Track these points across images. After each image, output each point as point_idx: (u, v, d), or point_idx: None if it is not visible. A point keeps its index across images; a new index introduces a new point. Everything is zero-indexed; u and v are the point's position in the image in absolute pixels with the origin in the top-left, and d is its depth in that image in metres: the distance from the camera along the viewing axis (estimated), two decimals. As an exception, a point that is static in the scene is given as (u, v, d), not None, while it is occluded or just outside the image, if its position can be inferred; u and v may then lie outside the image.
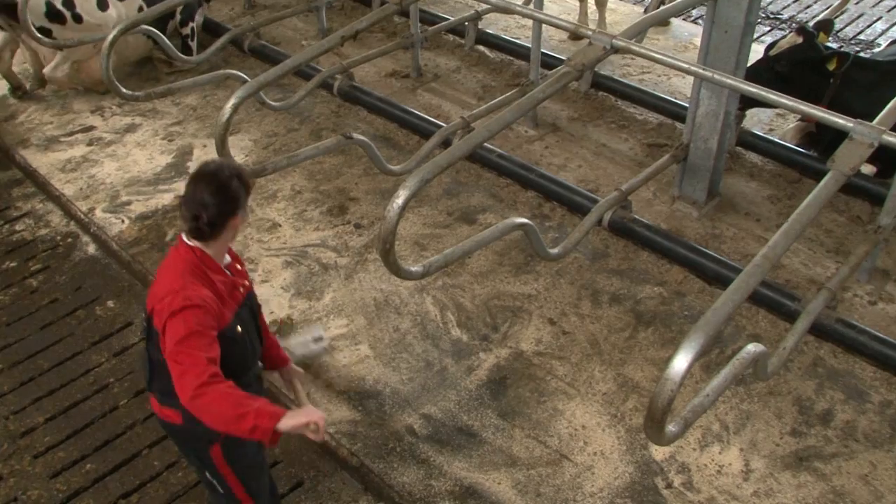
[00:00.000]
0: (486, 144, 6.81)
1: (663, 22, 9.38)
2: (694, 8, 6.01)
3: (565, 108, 7.86)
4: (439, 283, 5.96)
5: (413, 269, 4.38)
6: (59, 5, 7.36)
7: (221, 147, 5.14)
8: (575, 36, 8.67)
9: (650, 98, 7.69)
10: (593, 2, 9.09)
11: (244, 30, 8.32)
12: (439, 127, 7.13)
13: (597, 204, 5.91)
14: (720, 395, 3.31)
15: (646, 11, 9.83)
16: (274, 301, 5.87)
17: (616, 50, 5.15)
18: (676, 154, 6.43)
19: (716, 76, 4.84)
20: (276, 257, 6.24)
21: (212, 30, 9.14)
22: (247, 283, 3.72)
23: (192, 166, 7.26)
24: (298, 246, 6.33)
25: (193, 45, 8.67)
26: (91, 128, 7.89)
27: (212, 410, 3.11)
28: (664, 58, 5.03)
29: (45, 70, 7.85)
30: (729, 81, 4.84)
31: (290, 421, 3.16)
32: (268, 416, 3.11)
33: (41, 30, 7.26)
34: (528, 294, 5.89)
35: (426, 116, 7.36)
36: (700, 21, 10.31)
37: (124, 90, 6.36)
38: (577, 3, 9.18)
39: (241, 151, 7.39)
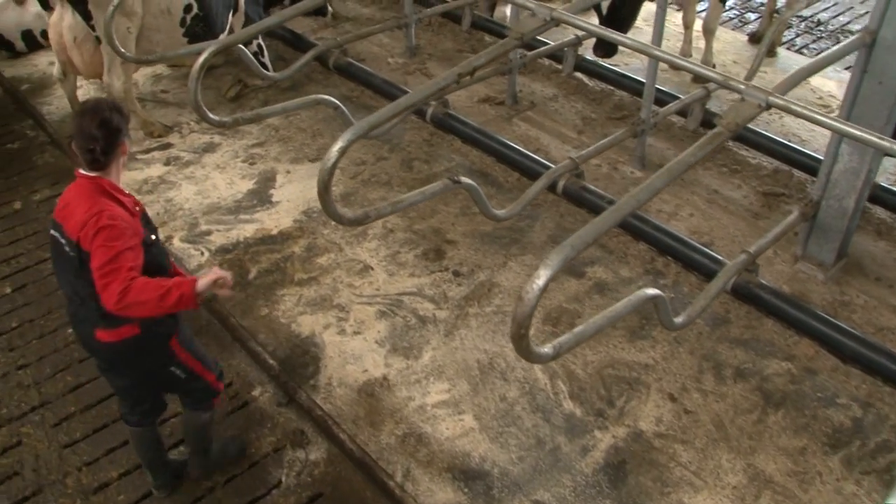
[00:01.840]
0: (595, 189, 6.34)
1: (770, 52, 8.80)
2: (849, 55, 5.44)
3: (672, 147, 7.31)
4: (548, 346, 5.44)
5: (543, 350, 3.89)
6: None
7: (325, 192, 4.64)
8: (698, 78, 8.10)
9: (765, 141, 7.13)
10: (700, 28, 8.50)
11: (330, 46, 7.84)
12: (541, 164, 6.69)
13: (724, 268, 5.35)
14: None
15: (751, 39, 9.24)
16: (368, 357, 5.40)
17: (770, 107, 4.60)
18: (805, 212, 5.86)
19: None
20: (368, 306, 5.77)
21: (293, 42, 8.69)
22: (140, 205, 4.01)
23: (276, 195, 6.82)
24: (393, 294, 5.86)
25: (266, 60, 8.24)
26: (168, 145, 7.47)
27: (140, 300, 3.57)
28: (833, 123, 4.46)
29: (104, 77, 7.35)
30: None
31: (203, 281, 3.73)
32: (186, 284, 3.68)
33: None
34: (645, 364, 5.37)
35: (527, 152, 6.85)
36: (806, 51, 9.71)
37: (212, 116, 5.89)
38: (683, 30, 8.60)
39: (327, 180, 6.91)
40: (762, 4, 10.30)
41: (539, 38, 8.14)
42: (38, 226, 6.95)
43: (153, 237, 3.97)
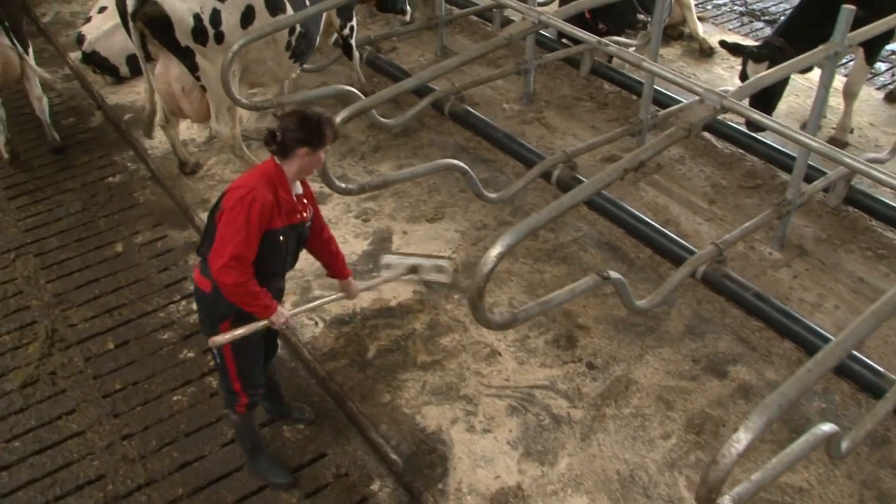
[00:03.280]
0: (738, 277, 5.90)
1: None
2: None
3: (810, 225, 6.82)
4: (692, 458, 5.04)
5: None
6: (206, 20, 6.37)
7: (479, 299, 4.25)
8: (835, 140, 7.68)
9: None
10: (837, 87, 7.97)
11: (447, 92, 7.45)
12: (677, 243, 6.29)
13: (893, 387, 4.88)
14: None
15: (888, 97, 8.67)
16: (500, 460, 5.02)
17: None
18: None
19: None
20: (498, 399, 5.38)
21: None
22: (306, 215, 4.40)
23: (391, 260, 6.44)
24: (524, 386, 5.47)
25: (353, 41, 8.08)
26: (276, 192, 7.12)
27: (230, 290, 4.09)
28: None
29: (211, 124, 7.05)
30: None
31: (279, 321, 4.36)
32: (270, 310, 4.29)
33: (185, 51, 6.43)
34: (799, 487, 4.92)
35: (661, 228, 6.41)
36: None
37: (339, 183, 5.58)
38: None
39: (446, 245, 6.55)
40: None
41: (669, 93, 7.71)
42: (139, 272, 6.68)
43: (281, 238, 4.24)
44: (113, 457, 5.24)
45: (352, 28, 7.96)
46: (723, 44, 7.40)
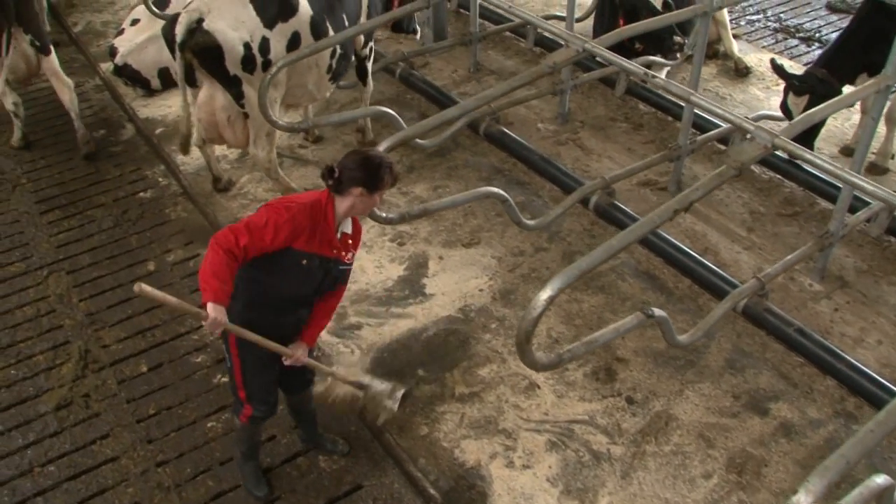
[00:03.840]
0: (780, 312, 5.81)
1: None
2: None
3: (851, 255, 6.72)
4: (734, 500, 4.97)
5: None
6: (255, 48, 6.33)
7: (526, 343, 4.20)
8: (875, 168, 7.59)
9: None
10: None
11: (484, 114, 7.38)
12: (717, 274, 6.22)
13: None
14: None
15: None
16: (540, 498, 4.96)
17: None
18: None
19: None
20: (537, 433, 5.32)
21: (437, 100, 8.29)
22: (343, 254, 4.28)
23: (429, 286, 6.40)
24: (563, 421, 5.40)
25: (369, 64, 7.81)
26: (310, 214, 7.07)
27: (206, 259, 3.92)
28: None
29: (250, 149, 7.00)
30: None
31: (215, 317, 3.92)
32: (216, 296, 3.89)
33: (233, 80, 6.39)
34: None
35: (701, 259, 6.34)
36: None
37: (379, 212, 5.51)
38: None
39: (483, 272, 6.49)
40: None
41: (707, 117, 7.61)
42: (172, 292, 6.51)
43: (304, 262, 4.14)
44: (147, 484, 5.19)
45: (371, 49, 7.76)
46: (773, 63, 7.30)
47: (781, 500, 4.96)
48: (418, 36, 8.72)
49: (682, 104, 7.01)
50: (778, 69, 7.20)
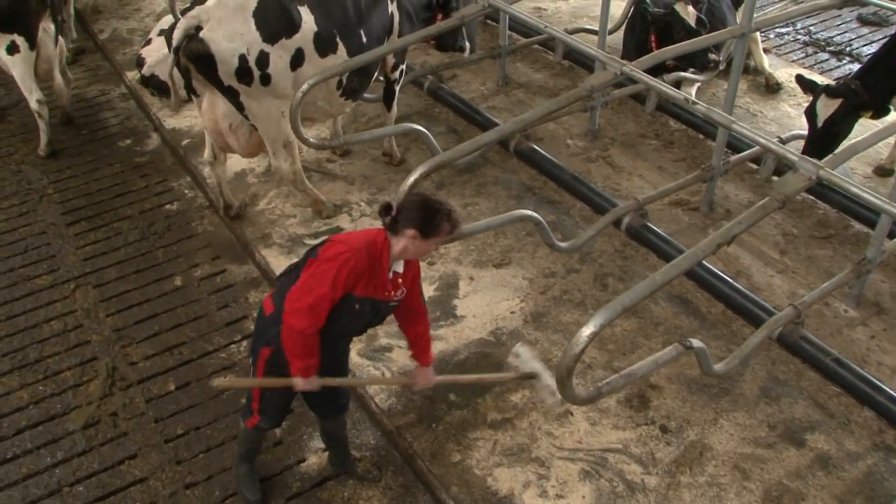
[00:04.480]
0: (816, 340, 5.73)
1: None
2: None
3: (887, 280, 6.63)
4: (770, 535, 4.88)
5: None
6: (251, 62, 6.19)
7: (567, 378, 4.14)
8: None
9: None
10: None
11: (514, 131, 7.29)
12: (752, 301, 6.13)
13: None
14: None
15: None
16: (574, 530, 4.88)
17: None
18: None
19: None
20: (570, 462, 5.25)
21: (466, 114, 8.23)
22: (394, 294, 4.28)
23: (460, 307, 6.34)
24: (596, 449, 5.33)
25: (397, 89, 7.65)
26: (339, 229, 7.03)
27: (291, 337, 4.09)
28: None
29: (272, 162, 6.94)
30: None
31: (308, 383, 4.28)
32: (308, 371, 4.21)
33: (228, 90, 6.31)
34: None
35: (735, 283, 6.26)
36: None
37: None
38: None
39: (514, 293, 6.43)
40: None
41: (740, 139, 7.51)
42: (199, 309, 6.59)
43: (357, 307, 4.17)
44: (176, 507, 5.16)
45: (402, 72, 7.59)
46: (799, 78, 7.19)
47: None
48: (466, 53, 8.45)
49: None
50: (804, 83, 7.08)
